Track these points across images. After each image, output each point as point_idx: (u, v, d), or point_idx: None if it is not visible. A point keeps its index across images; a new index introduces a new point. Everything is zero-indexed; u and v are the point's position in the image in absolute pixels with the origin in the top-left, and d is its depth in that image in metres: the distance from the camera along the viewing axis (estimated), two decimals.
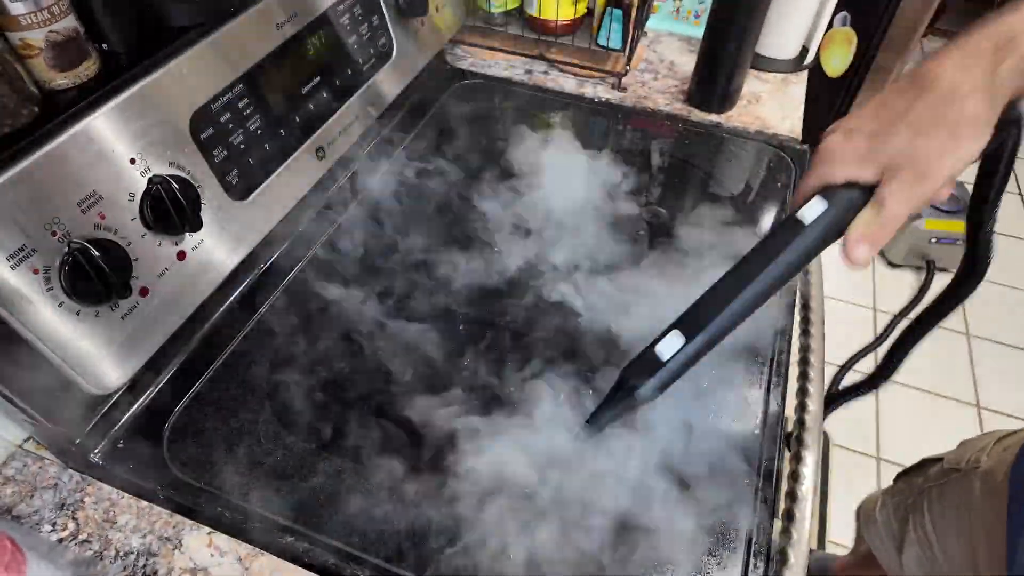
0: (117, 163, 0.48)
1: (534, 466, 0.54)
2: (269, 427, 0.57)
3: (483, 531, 0.51)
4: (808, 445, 0.58)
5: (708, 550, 0.50)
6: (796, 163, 0.86)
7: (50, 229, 0.44)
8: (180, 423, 0.57)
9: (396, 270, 0.71)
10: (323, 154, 0.71)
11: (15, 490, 0.53)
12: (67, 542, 0.50)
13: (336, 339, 0.64)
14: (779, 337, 0.65)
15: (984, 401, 1.71)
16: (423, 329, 0.65)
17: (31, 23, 0.44)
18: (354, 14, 0.73)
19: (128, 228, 0.50)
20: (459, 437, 0.56)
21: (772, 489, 0.54)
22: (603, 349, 0.64)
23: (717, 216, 0.78)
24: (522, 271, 0.71)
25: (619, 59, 1.00)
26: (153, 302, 0.52)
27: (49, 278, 0.44)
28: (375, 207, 0.78)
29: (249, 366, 0.62)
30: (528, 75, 1.00)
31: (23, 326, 0.43)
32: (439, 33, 0.91)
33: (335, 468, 0.55)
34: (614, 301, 0.68)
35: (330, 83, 0.70)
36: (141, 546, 0.50)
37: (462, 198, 0.80)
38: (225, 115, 0.58)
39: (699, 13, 1.08)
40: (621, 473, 0.54)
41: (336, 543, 0.50)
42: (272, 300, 0.68)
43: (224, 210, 0.58)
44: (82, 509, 0.52)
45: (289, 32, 0.64)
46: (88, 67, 0.49)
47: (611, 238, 0.75)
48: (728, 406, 0.59)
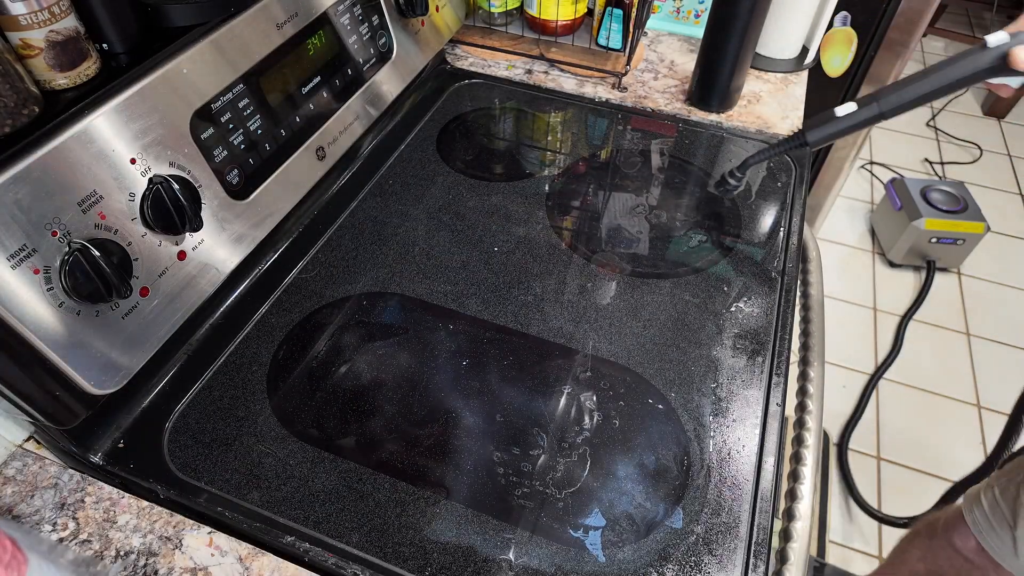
0: (117, 163, 0.48)
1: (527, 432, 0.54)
2: (269, 427, 0.57)
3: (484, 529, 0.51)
4: (808, 445, 0.58)
5: (708, 550, 0.50)
6: (796, 163, 0.86)
7: (50, 229, 0.44)
8: (180, 423, 0.57)
9: (396, 269, 0.71)
10: (323, 154, 0.71)
11: (15, 490, 0.53)
12: (67, 542, 0.50)
13: (337, 339, 0.64)
14: (779, 337, 0.65)
15: (984, 401, 1.71)
16: (429, 320, 0.65)
17: (31, 23, 0.44)
18: (354, 14, 0.73)
19: (128, 228, 0.50)
20: (458, 437, 0.56)
21: (772, 489, 0.54)
22: (577, 359, 0.64)
23: (717, 215, 0.78)
24: (517, 272, 0.71)
25: (619, 59, 1.00)
26: (153, 302, 0.53)
27: (49, 278, 0.44)
28: (376, 207, 0.78)
29: (249, 366, 0.62)
30: (528, 75, 1.00)
31: (23, 326, 0.43)
32: (439, 33, 0.91)
33: (336, 468, 0.55)
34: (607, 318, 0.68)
35: (330, 83, 0.71)
36: (141, 546, 0.50)
37: (461, 198, 0.80)
38: (225, 115, 0.58)
39: (699, 13, 1.08)
40: (621, 473, 0.54)
41: (336, 543, 0.50)
42: (273, 300, 0.68)
43: (224, 210, 0.58)
44: (82, 509, 0.52)
45: (289, 32, 0.64)
46: (88, 67, 0.49)
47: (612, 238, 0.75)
48: (728, 406, 0.59)
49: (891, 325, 1.90)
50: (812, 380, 0.67)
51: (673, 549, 0.50)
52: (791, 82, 1.00)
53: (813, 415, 0.63)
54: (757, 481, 0.55)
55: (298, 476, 0.54)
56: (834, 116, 0.65)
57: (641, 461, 0.55)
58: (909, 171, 2.41)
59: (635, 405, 0.59)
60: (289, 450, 0.56)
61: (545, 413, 0.59)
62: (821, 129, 0.66)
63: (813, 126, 0.67)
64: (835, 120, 0.65)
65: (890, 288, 2.01)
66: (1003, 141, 2.59)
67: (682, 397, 0.60)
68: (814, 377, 0.67)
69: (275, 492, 0.53)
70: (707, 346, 0.64)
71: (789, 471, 0.58)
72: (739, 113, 0.93)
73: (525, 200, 0.80)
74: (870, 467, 1.58)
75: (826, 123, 0.66)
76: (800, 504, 0.55)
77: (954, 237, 1.92)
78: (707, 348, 0.64)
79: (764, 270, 0.72)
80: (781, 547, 0.52)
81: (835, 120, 0.65)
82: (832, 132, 0.66)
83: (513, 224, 0.77)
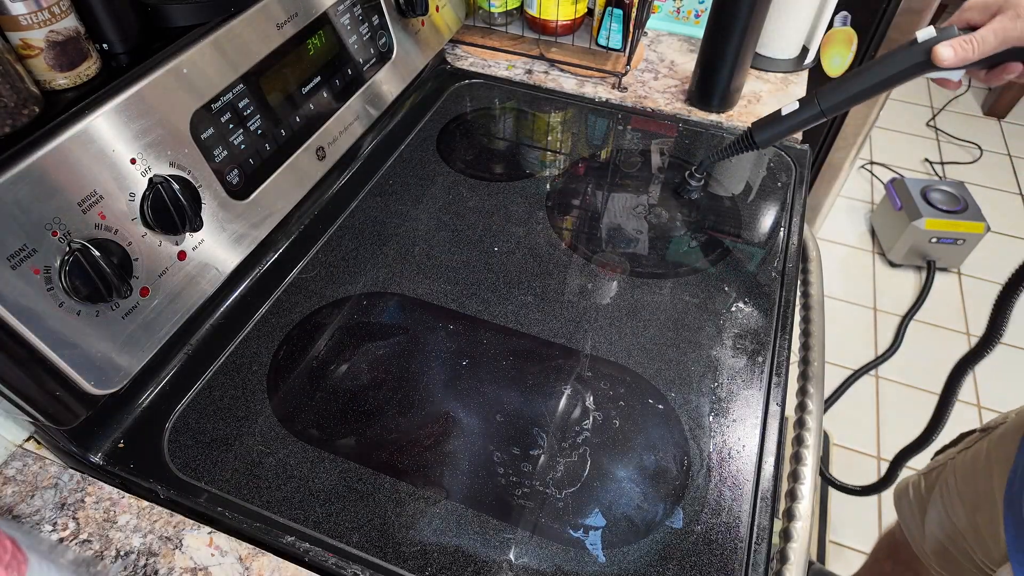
0: (117, 163, 0.48)
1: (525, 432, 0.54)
2: (269, 427, 0.57)
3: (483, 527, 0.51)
4: (808, 445, 0.58)
5: (708, 550, 0.50)
6: (797, 163, 0.86)
7: (50, 229, 0.44)
8: (180, 423, 0.57)
9: (396, 269, 0.71)
10: (323, 154, 0.71)
11: (15, 490, 0.53)
12: (68, 542, 0.50)
13: (337, 339, 0.64)
14: (779, 337, 0.65)
15: (984, 401, 1.71)
16: (429, 320, 0.65)
17: (31, 23, 0.44)
18: (354, 14, 0.73)
19: (128, 228, 0.50)
20: (458, 436, 0.56)
21: (772, 489, 0.54)
22: (578, 358, 0.64)
23: (717, 215, 0.78)
24: (517, 272, 0.71)
25: (619, 59, 1.00)
26: (153, 302, 0.53)
27: (49, 278, 0.44)
28: (376, 207, 0.78)
29: (249, 366, 0.62)
30: (528, 75, 1.00)
31: (23, 326, 0.43)
32: (439, 33, 0.91)
33: (336, 468, 0.55)
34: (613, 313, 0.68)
35: (330, 83, 0.71)
36: (142, 546, 0.50)
37: (460, 198, 0.80)
38: (225, 115, 0.58)
39: (699, 13, 1.08)
40: (619, 473, 0.54)
41: (336, 543, 0.50)
42: (273, 300, 0.68)
43: (224, 210, 0.58)
44: (83, 509, 0.52)
45: (289, 32, 0.64)
46: (88, 67, 0.49)
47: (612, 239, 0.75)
48: (728, 406, 0.59)
49: (891, 325, 1.90)
50: (812, 380, 0.67)
51: (673, 549, 0.50)
52: (791, 82, 1.00)
53: (813, 415, 0.63)
54: (757, 481, 0.55)
55: (298, 476, 0.54)
56: (779, 116, 0.67)
57: (641, 461, 0.55)
58: (909, 171, 2.41)
59: (635, 405, 0.59)
60: (289, 450, 0.56)
61: (545, 413, 0.59)
62: (768, 129, 0.68)
63: (760, 127, 0.69)
64: (780, 120, 0.67)
65: (890, 288, 2.01)
66: (1003, 141, 2.59)
67: (682, 397, 0.60)
68: (814, 377, 0.67)
69: (275, 492, 0.53)
70: (707, 346, 0.64)
71: (789, 471, 0.58)
72: (739, 113, 0.93)
73: (525, 200, 0.80)
74: (870, 467, 1.58)
75: (772, 123, 0.68)
76: (800, 504, 0.55)
77: (954, 237, 1.92)
78: (707, 348, 0.64)
79: (764, 270, 0.72)
80: (781, 547, 0.52)
81: (780, 120, 0.67)
82: (778, 131, 0.68)
83: (513, 224, 0.77)
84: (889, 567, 1.08)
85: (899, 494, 0.99)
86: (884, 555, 1.11)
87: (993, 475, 0.74)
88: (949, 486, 0.85)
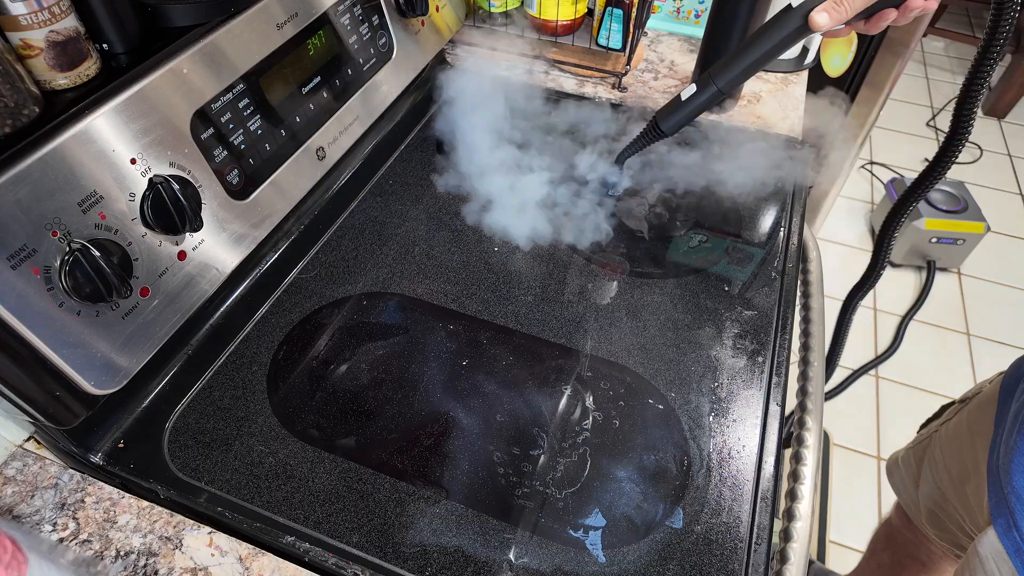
0: (117, 163, 0.48)
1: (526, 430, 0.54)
2: (269, 427, 0.57)
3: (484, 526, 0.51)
4: (808, 445, 0.58)
5: (708, 550, 0.50)
6: (797, 163, 0.86)
7: (50, 229, 0.44)
8: (180, 423, 0.57)
9: (396, 269, 0.71)
10: (323, 154, 0.71)
11: (15, 490, 0.53)
12: (68, 542, 0.50)
13: (337, 339, 0.64)
14: (779, 337, 0.65)
15: None
16: (429, 320, 0.65)
17: (31, 23, 0.44)
18: (354, 14, 0.73)
19: (128, 228, 0.50)
20: (457, 435, 0.56)
21: (772, 489, 0.54)
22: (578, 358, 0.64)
23: (717, 215, 0.78)
24: (517, 272, 0.71)
25: (619, 59, 1.00)
26: (153, 302, 0.53)
27: (49, 278, 0.44)
28: (376, 207, 0.78)
29: (249, 366, 0.62)
30: (528, 75, 1.00)
31: (23, 326, 0.43)
32: (439, 33, 0.91)
33: (336, 468, 0.55)
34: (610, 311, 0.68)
35: (330, 83, 0.70)
36: (142, 546, 0.50)
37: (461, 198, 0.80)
38: (225, 115, 0.58)
39: (699, 13, 1.08)
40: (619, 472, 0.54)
41: (336, 543, 0.50)
42: (273, 300, 0.68)
43: (224, 210, 0.58)
44: (83, 509, 0.52)
45: (289, 32, 0.64)
46: (88, 67, 0.49)
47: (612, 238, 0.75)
48: (728, 406, 0.59)
49: (891, 325, 1.90)
50: (812, 380, 0.67)
51: (673, 549, 0.50)
52: (791, 82, 1.00)
53: (813, 415, 0.63)
54: (757, 481, 0.55)
55: (298, 476, 0.54)
56: (680, 101, 0.66)
57: (641, 461, 0.55)
58: (909, 171, 2.41)
59: (635, 405, 0.59)
60: (289, 450, 0.56)
61: (545, 413, 0.59)
62: (672, 116, 0.67)
63: (664, 114, 0.67)
64: (682, 105, 0.65)
65: (890, 288, 2.01)
66: (1003, 141, 2.59)
67: (682, 397, 0.60)
68: (814, 377, 0.67)
69: (275, 492, 0.53)
70: (707, 346, 0.64)
71: (789, 471, 0.58)
72: (739, 113, 0.93)
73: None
74: (870, 467, 1.58)
75: (675, 110, 0.66)
76: (800, 504, 0.55)
77: (954, 237, 1.92)
78: (707, 348, 0.64)
79: (764, 270, 0.72)
80: (781, 547, 0.52)
81: (682, 105, 0.65)
82: (682, 116, 0.66)
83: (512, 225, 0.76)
84: (888, 557, 1.08)
85: (890, 470, 1.00)
86: (882, 546, 1.11)
87: (976, 445, 0.75)
88: (936, 460, 0.86)
